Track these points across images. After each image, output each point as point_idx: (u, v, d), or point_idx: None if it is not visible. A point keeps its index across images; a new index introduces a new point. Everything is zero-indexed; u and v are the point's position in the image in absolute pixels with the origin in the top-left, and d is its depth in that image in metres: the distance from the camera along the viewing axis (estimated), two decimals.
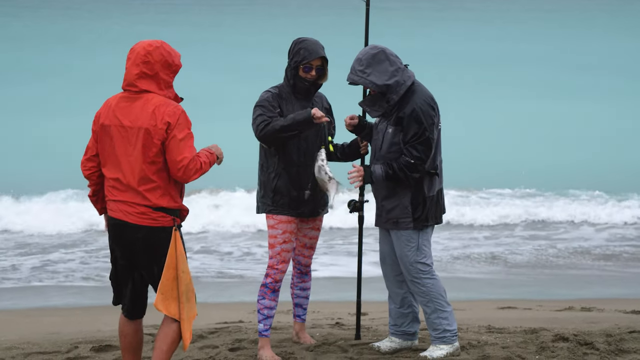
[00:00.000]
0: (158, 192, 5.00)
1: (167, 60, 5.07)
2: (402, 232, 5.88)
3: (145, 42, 5.09)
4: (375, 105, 5.87)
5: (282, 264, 6.03)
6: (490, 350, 6.04)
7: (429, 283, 5.89)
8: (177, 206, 5.08)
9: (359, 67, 5.79)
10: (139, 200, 5.00)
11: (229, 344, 6.37)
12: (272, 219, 6.04)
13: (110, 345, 6.42)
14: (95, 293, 9.75)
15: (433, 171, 5.85)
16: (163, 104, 5.02)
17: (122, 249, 5.09)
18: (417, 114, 5.74)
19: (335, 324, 7.37)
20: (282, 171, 6.01)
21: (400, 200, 5.86)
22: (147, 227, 4.99)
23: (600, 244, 12.48)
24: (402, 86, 5.79)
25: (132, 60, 5.06)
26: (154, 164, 4.99)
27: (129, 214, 5.01)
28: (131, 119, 5.00)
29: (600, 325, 7.18)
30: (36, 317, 8.50)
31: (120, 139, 5.03)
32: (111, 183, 5.08)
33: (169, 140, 4.97)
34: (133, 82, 5.04)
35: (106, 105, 5.11)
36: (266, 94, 6.05)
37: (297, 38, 6.08)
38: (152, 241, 5.01)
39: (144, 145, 4.98)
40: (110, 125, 5.04)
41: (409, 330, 6.14)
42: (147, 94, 5.05)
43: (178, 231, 5.02)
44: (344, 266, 10.90)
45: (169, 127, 4.97)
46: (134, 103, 5.03)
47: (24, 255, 11.55)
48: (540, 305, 8.85)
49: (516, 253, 11.89)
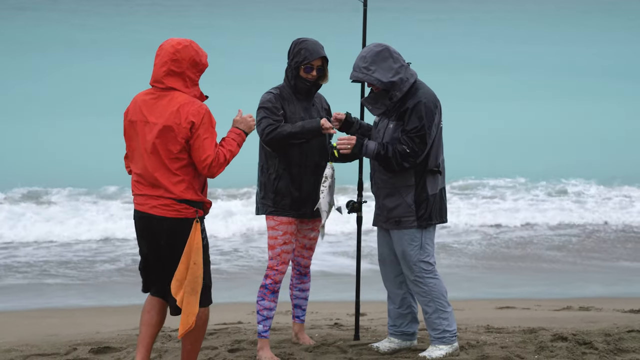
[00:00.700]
0: (182, 186, 5.12)
1: (195, 59, 5.18)
2: (405, 231, 5.87)
3: (174, 40, 5.20)
4: (378, 103, 5.87)
5: (282, 265, 6.03)
6: (489, 350, 6.04)
7: (432, 283, 5.88)
8: (200, 199, 5.19)
9: (363, 64, 5.79)
10: (162, 193, 5.12)
11: (228, 345, 6.37)
12: (272, 220, 6.04)
13: (109, 347, 6.42)
14: (95, 294, 9.75)
15: (436, 169, 5.85)
16: (188, 102, 5.13)
17: (148, 242, 5.21)
18: (420, 109, 5.74)
19: (334, 324, 7.38)
20: (282, 172, 6.01)
21: (403, 199, 5.85)
22: (171, 218, 5.12)
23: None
24: (405, 83, 5.79)
25: (160, 57, 5.17)
26: (179, 160, 5.11)
27: (154, 207, 5.13)
28: (156, 115, 5.12)
29: (598, 325, 7.19)
30: (35, 318, 8.49)
31: (146, 135, 5.14)
32: (136, 177, 5.22)
33: (194, 140, 5.10)
34: (160, 79, 5.16)
35: (134, 102, 5.24)
36: (268, 95, 6.05)
37: (297, 38, 6.08)
38: (176, 232, 5.13)
39: (164, 141, 5.08)
40: (137, 121, 5.17)
41: (408, 330, 6.14)
42: (173, 91, 5.16)
43: (199, 223, 5.13)
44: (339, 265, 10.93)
45: (193, 126, 5.09)
46: (159, 100, 5.15)
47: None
48: (538, 305, 8.86)
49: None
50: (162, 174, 5.12)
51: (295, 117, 6.02)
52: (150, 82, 5.21)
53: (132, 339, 6.74)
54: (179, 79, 5.16)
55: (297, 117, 6.03)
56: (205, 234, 5.23)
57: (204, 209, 5.25)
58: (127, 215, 13.11)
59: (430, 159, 5.83)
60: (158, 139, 5.09)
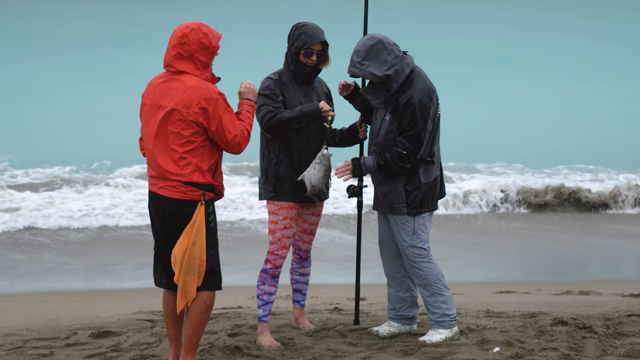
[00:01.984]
0: (189, 168, 5.18)
1: (204, 42, 5.22)
2: (398, 217, 5.88)
3: (184, 24, 5.27)
4: (377, 93, 5.85)
5: (282, 249, 6.02)
6: (489, 335, 6.04)
7: (426, 267, 5.89)
8: (208, 182, 5.24)
9: (357, 59, 5.76)
10: (169, 176, 5.18)
11: (228, 330, 6.37)
12: (273, 205, 6.03)
13: (109, 331, 6.42)
14: (96, 277, 9.77)
15: (429, 159, 5.84)
16: (198, 87, 5.17)
17: (159, 221, 5.29)
18: (412, 105, 5.72)
19: (334, 309, 7.38)
20: (283, 157, 6.00)
21: (395, 186, 5.86)
22: (177, 200, 5.18)
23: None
24: (401, 75, 5.76)
25: (171, 41, 5.25)
26: (190, 143, 5.17)
27: (162, 188, 5.21)
28: (167, 99, 5.18)
29: (598, 309, 7.19)
30: (35, 303, 8.49)
31: (154, 118, 5.21)
32: (148, 159, 5.30)
33: (216, 125, 5.16)
34: (170, 62, 5.24)
35: (149, 85, 5.32)
36: (267, 81, 6.03)
37: (297, 23, 6.04)
38: (182, 214, 5.19)
39: (174, 125, 5.14)
40: (148, 104, 5.25)
41: (408, 314, 6.14)
42: (183, 74, 5.22)
43: (204, 205, 5.18)
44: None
45: (206, 112, 5.14)
46: (171, 83, 5.21)
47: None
48: (538, 289, 8.86)
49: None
50: (165, 159, 5.16)
51: (295, 103, 6.00)
52: (164, 66, 5.29)
53: (132, 323, 6.74)
54: (188, 62, 5.22)
55: (297, 102, 6.00)
56: (213, 217, 5.28)
57: (215, 192, 5.29)
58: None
59: (425, 148, 5.81)
60: (167, 122, 5.15)
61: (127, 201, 13.35)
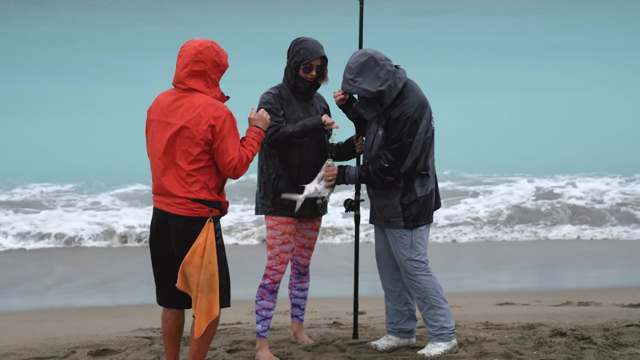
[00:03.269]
0: (197, 186, 5.17)
1: (216, 60, 5.23)
2: (395, 231, 5.89)
3: (196, 41, 5.24)
4: (370, 107, 5.87)
5: (281, 265, 6.03)
6: (488, 347, 6.04)
7: (424, 280, 5.89)
8: (215, 199, 5.24)
9: (350, 75, 5.77)
10: (176, 192, 5.16)
11: (227, 346, 6.36)
12: (271, 220, 6.04)
13: (107, 349, 6.41)
14: (94, 295, 9.76)
15: (424, 172, 5.85)
16: (209, 105, 5.17)
17: (164, 239, 5.24)
18: (401, 120, 5.73)
19: (333, 323, 7.37)
20: (282, 172, 6.01)
21: (390, 200, 5.87)
22: (185, 217, 5.16)
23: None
24: (394, 90, 5.77)
25: (182, 58, 5.22)
26: (198, 161, 5.16)
27: (169, 205, 5.19)
28: (176, 117, 5.17)
29: (597, 320, 7.18)
30: (34, 322, 8.48)
31: (161, 134, 5.21)
32: (153, 176, 5.27)
33: (218, 144, 5.15)
34: (182, 79, 5.22)
35: (156, 101, 5.30)
36: (267, 95, 6.04)
37: (297, 38, 6.07)
38: (189, 231, 5.17)
39: (182, 142, 5.14)
40: (155, 120, 5.24)
41: (406, 327, 6.14)
42: (194, 92, 5.21)
43: (212, 222, 5.18)
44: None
45: (214, 130, 5.13)
46: (180, 100, 5.20)
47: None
48: (537, 300, 8.85)
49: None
50: (173, 176, 5.16)
51: (294, 117, 6.01)
52: (173, 83, 5.27)
53: (131, 341, 6.73)
54: (200, 79, 5.21)
55: (296, 117, 6.02)
56: (220, 233, 5.28)
57: (220, 209, 5.29)
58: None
59: (420, 162, 5.82)
60: (175, 139, 5.15)
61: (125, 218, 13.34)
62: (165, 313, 5.39)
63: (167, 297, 5.34)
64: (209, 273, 5.14)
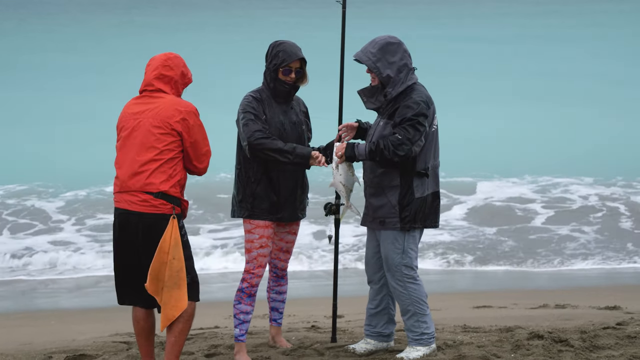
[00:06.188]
0: (160, 177, 5.26)
1: (184, 70, 5.48)
2: (389, 233, 5.85)
3: (164, 53, 5.49)
4: (373, 97, 5.85)
5: (259, 268, 6.01)
6: (466, 350, 6.05)
7: (412, 287, 5.87)
8: (178, 196, 5.33)
9: (372, 49, 5.77)
10: (140, 188, 5.25)
11: (205, 350, 6.34)
12: (249, 224, 6.02)
13: (84, 354, 6.36)
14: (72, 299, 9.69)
15: (423, 172, 5.83)
16: (178, 101, 5.38)
17: (127, 239, 5.31)
18: (413, 104, 5.70)
19: (311, 327, 7.37)
20: (262, 176, 5.98)
21: (388, 199, 5.83)
22: (149, 214, 5.25)
23: None
24: (401, 84, 5.76)
25: (151, 65, 5.44)
26: (166, 152, 5.29)
27: (132, 203, 5.27)
28: (146, 113, 5.32)
29: (574, 322, 7.22)
30: (9, 327, 8.40)
31: (132, 130, 5.32)
32: (117, 175, 5.35)
33: (194, 136, 5.34)
34: (151, 81, 5.40)
35: (125, 109, 5.45)
36: (250, 98, 6.01)
37: (275, 41, 6.06)
38: (154, 228, 5.25)
39: (151, 136, 5.27)
40: (125, 124, 5.36)
41: (384, 331, 6.13)
42: (162, 94, 5.38)
43: (176, 219, 5.26)
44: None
45: (187, 123, 5.31)
46: (150, 100, 5.37)
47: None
48: (515, 303, 8.89)
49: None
50: (138, 167, 5.25)
51: (274, 120, 6.00)
52: (140, 89, 5.42)
53: (108, 346, 6.69)
54: (168, 85, 5.41)
55: (276, 120, 6.00)
56: (184, 231, 5.37)
57: (181, 208, 5.36)
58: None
59: (419, 160, 5.79)
60: (145, 134, 5.26)
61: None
62: (135, 313, 5.46)
63: (129, 294, 5.39)
64: (174, 269, 5.22)
